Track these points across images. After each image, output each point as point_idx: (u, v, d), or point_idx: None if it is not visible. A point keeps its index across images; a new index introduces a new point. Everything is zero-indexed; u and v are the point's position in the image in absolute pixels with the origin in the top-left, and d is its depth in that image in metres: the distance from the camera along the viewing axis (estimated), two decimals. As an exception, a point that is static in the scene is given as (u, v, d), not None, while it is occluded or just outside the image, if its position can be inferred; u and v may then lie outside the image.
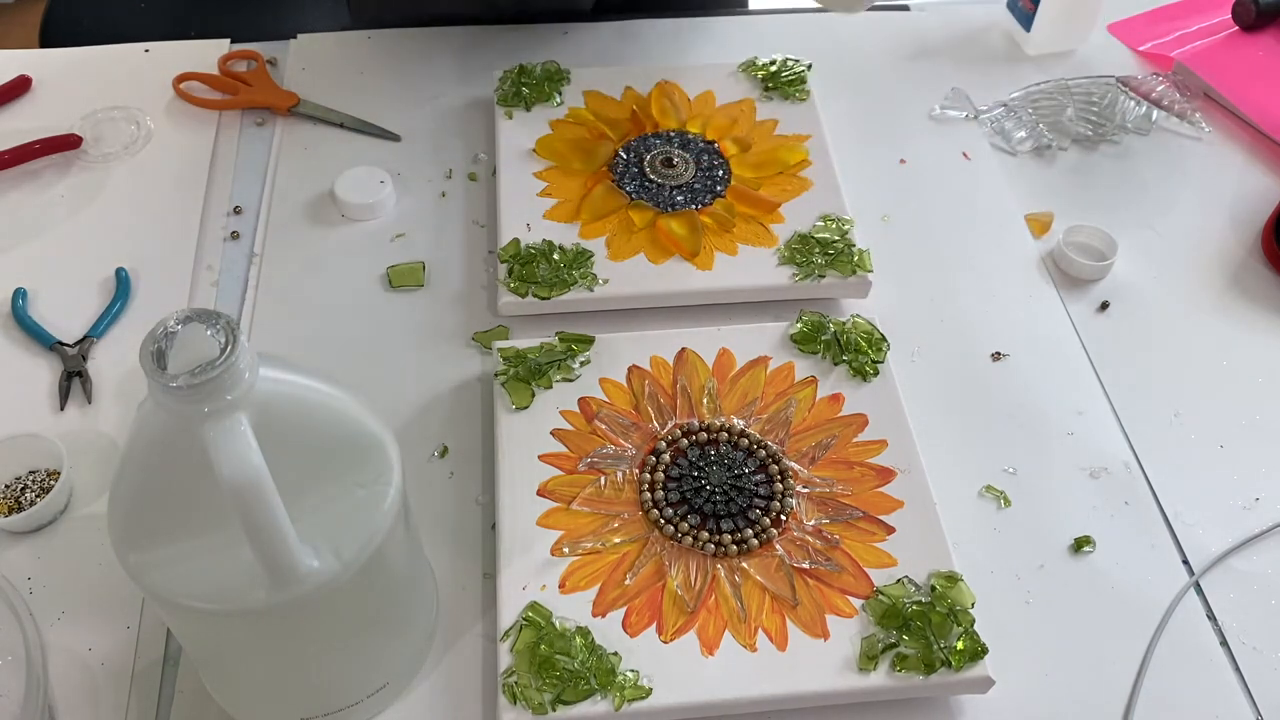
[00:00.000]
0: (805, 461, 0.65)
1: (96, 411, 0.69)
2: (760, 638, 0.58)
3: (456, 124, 0.88)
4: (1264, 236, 0.82)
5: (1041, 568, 0.64)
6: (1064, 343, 0.75)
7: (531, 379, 0.68)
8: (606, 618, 0.58)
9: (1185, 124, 0.90)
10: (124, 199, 0.82)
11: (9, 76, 0.89)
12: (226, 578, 0.46)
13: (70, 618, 0.60)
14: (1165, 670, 0.60)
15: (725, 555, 0.61)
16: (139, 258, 0.77)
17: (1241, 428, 0.71)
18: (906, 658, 0.57)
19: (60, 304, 0.75)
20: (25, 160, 0.83)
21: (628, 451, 0.65)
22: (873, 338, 0.71)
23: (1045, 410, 0.71)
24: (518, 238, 0.76)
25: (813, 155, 0.83)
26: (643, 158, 0.81)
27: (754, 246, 0.76)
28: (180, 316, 0.42)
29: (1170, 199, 0.85)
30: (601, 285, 0.73)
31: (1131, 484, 0.68)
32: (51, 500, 0.63)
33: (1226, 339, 0.76)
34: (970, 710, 0.58)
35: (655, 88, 0.87)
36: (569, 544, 0.61)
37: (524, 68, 0.87)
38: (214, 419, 0.41)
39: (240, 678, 0.54)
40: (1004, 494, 0.67)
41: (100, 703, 0.57)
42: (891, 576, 0.60)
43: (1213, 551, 0.65)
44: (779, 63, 0.89)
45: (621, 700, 0.55)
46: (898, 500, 0.63)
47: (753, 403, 0.68)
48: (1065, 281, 0.79)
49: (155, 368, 0.41)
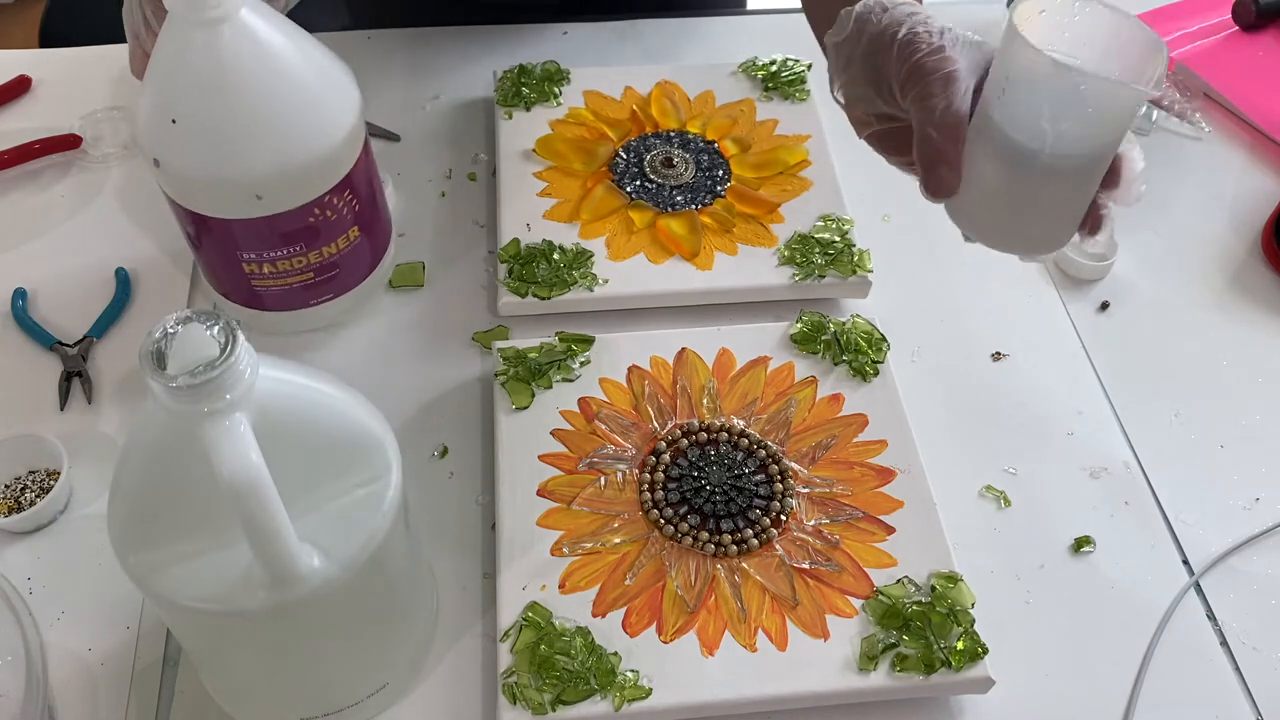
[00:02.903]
0: (805, 462, 0.65)
1: (96, 411, 0.69)
2: (760, 638, 0.58)
3: (456, 124, 0.88)
4: (1264, 236, 0.82)
5: (1041, 568, 0.64)
6: (1064, 343, 0.75)
7: (531, 379, 0.68)
8: (606, 618, 0.58)
9: (1185, 124, 0.90)
10: (124, 199, 0.82)
11: (9, 76, 0.89)
12: (226, 578, 0.46)
13: (70, 618, 0.60)
14: (1165, 670, 0.60)
15: (725, 555, 0.61)
16: (139, 258, 0.77)
17: (1241, 428, 0.71)
18: (906, 658, 0.57)
19: (60, 304, 0.75)
20: (25, 160, 0.83)
21: (628, 452, 0.65)
22: (873, 338, 0.71)
23: (1045, 410, 0.71)
24: (518, 238, 0.76)
25: (813, 155, 0.83)
26: (643, 158, 0.81)
27: (754, 246, 0.76)
28: (180, 316, 0.42)
29: (1170, 199, 0.85)
30: (601, 285, 0.73)
31: (1131, 484, 0.68)
32: (51, 500, 0.63)
33: (1226, 339, 0.76)
34: (970, 710, 0.58)
35: (655, 88, 0.87)
36: (569, 544, 0.61)
37: (524, 68, 0.87)
38: (214, 419, 0.41)
39: (240, 678, 0.55)
40: (1004, 494, 0.67)
41: (100, 703, 0.57)
42: (891, 577, 0.60)
43: (1213, 551, 0.65)
44: (779, 63, 0.89)
45: (621, 700, 0.55)
46: (898, 500, 0.63)
47: (753, 403, 0.68)
48: (1065, 281, 0.79)
49: (155, 368, 0.41)
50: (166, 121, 0.60)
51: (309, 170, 0.63)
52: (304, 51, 0.62)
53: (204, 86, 0.59)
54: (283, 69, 0.60)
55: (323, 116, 0.63)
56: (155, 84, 0.61)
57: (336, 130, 0.64)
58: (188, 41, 0.58)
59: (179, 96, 0.60)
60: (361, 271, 0.72)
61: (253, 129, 0.60)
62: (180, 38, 0.58)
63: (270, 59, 0.60)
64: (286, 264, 0.67)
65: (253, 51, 0.59)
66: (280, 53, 0.60)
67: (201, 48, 0.58)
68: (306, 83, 0.62)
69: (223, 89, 0.59)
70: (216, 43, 0.58)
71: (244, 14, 0.58)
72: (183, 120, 0.60)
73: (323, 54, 0.64)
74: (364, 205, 0.68)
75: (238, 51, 0.58)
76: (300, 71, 0.61)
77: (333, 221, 0.66)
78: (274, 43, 0.60)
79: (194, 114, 0.60)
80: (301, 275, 0.68)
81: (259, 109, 0.60)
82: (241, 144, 0.60)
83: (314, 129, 0.63)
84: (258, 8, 0.59)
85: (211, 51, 0.58)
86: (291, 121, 0.61)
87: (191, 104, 0.60)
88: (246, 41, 0.58)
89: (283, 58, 0.60)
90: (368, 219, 0.70)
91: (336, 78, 0.64)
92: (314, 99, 0.62)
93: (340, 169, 0.65)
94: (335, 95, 0.64)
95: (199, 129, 0.60)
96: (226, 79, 0.59)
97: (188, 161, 0.61)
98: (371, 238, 0.71)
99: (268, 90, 0.60)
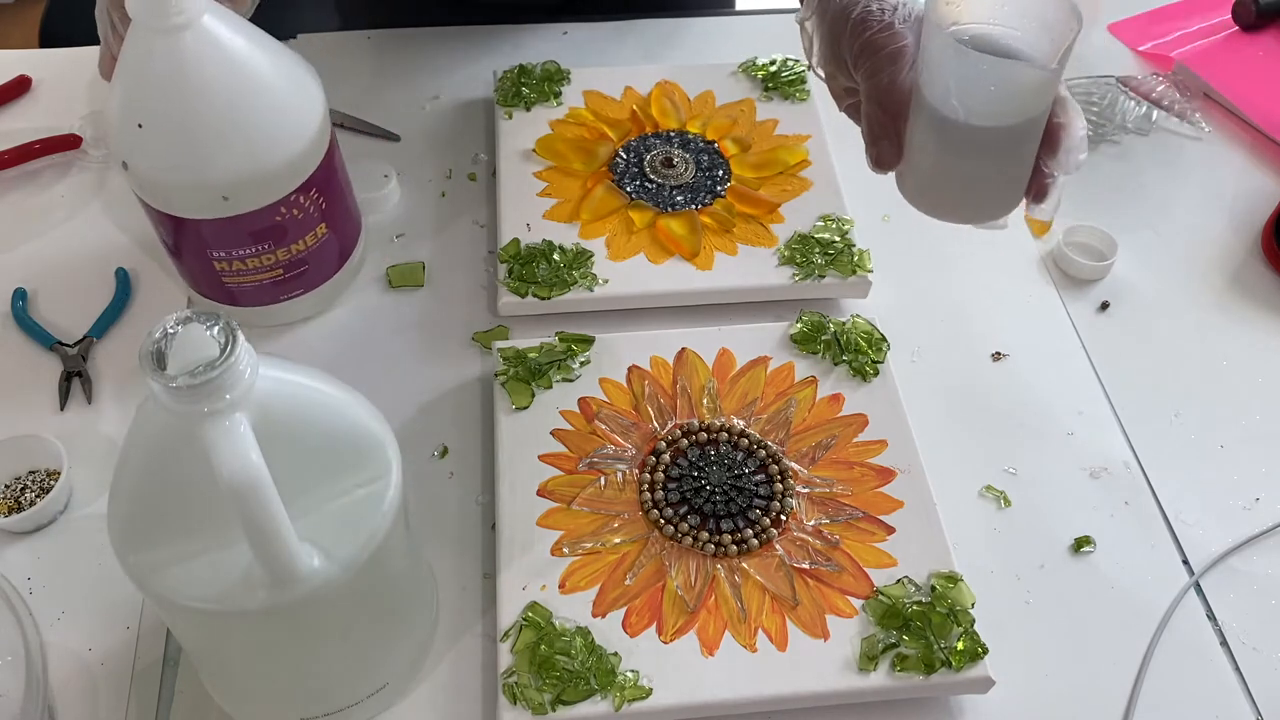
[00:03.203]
0: (805, 462, 0.65)
1: (96, 411, 0.69)
2: (760, 638, 0.58)
3: (456, 124, 0.88)
4: (1264, 236, 0.82)
5: (1041, 568, 0.64)
6: (1064, 343, 0.75)
7: (531, 379, 0.68)
8: (606, 618, 0.58)
9: (1185, 124, 0.90)
10: (124, 199, 0.82)
11: (9, 76, 0.89)
12: (226, 578, 0.46)
13: (70, 618, 0.60)
14: (1165, 670, 0.60)
15: (725, 555, 0.61)
16: (139, 258, 0.77)
17: (1241, 428, 0.71)
18: (906, 658, 0.57)
19: (60, 304, 0.75)
20: (25, 160, 0.83)
21: (628, 452, 0.65)
22: (873, 338, 0.71)
23: (1045, 410, 0.71)
24: (518, 238, 0.76)
25: (813, 155, 0.83)
26: (643, 158, 0.81)
27: (754, 246, 0.76)
28: (180, 316, 0.42)
29: (1170, 199, 0.85)
30: (601, 285, 0.73)
31: (1131, 484, 0.68)
32: (51, 500, 0.63)
33: (1226, 339, 0.76)
34: (970, 710, 0.58)
35: (655, 88, 0.87)
36: (569, 544, 0.61)
37: (524, 68, 0.87)
38: (213, 419, 0.41)
39: (240, 678, 0.55)
40: (1004, 494, 0.67)
41: (100, 703, 0.57)
42: (891, 577, 0.60)
43: (1213, 551, 0.65)
44: (779, 63, 0.89)
45: (621, 700, 0.55)
46: (898, 500, 0.63)
47: (753, 403, 0.68)
48: (1065, 281, 0.79)
49: (155, 368, 0.41)
50: (133, 125, 0.61)
51: (275, 171, 0.64)
52: (268, 54, 0.63)
53: (168, 91, 0.60)
54: (246, 72, 0.61)
55: (287, 118, 0.64)
56: (122, 89, 0.62)
57: (302, 131, 0.65)
58: (151, 48, 0.59)
59: (145, 101, 0.61)
60: (330, 267, 0.73)
61: (218, 132, 0.61)
62: (144, 44, 0.59)
63: (233, 63, 0.61)
64: (255, 261, 0.68)
65: (215, 56, 0.60)
66: (243, 57, 0.61)
67: (165, 54, 0.59)
68: (270, 85, 0.63)
69: (186, 93, 0.60)
70: (179, 48, 0.59)
71: (206, 20, 0.59)
72: (149, 124, 0.61)
73: (287, 57, 0.65)
74: (331, 203, 0.70)
75: (200, 57, 0.59)
76: (264, 74, 0.62)
77: (299, 220, 0.67)
78: (237, 47, 0.61)
79: (160, 118, 0.61)
80: (271, 272, 0.69)
81: (224, 112, 0.61)
82: (208, 147, 0.61)
83: (279, 130, 0.64)
84: (219, 13, 0.60)
85: (174, 57, 0.59)
86: (256, 124, 0.62)
87: (157, 108, 0.61)
88: (209, 47, 0.60)
89: (246, 62, 0.61)
90: (335, 216, 0.71)
91: (300, 79, 0.65)
92: (278, 101, 0.63)
93: (306, 168, 0.66)
94: (299, 97, 0.65)
95: (165, 133, 0.61)
96: (190, 83, 0.60)
97: (155, 164, 0.63)
98: (339, 234, 0.72)
99: (232, 94, 0.61)
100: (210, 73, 0.60)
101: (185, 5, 0.58)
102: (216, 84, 0.60)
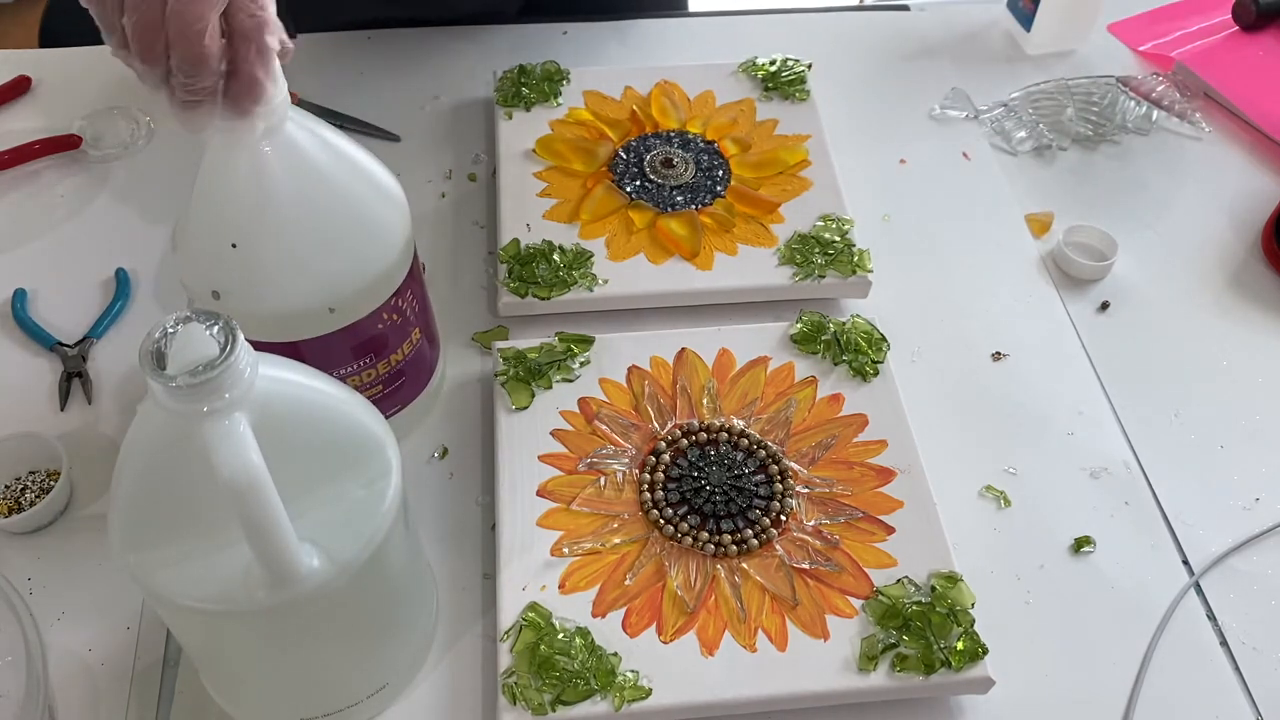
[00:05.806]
0: (805, 462, 0.65)
1: (96, 411, 0.69)
2: (760, 638, 0.58)
3: (456, 124, 0.88)
4: (1264, 236, 0.82)
5: (1041, 568, 0.64)
6: (1064, 343, 0.75)
7: (531, 379, 0.68)
8: (606, 618, 0.58)
9: (1185, 124, 0.90)
10: (124, 199, 0.82)
11: (9, 76, 0.89)
12: (226, 578, 0.46)
13: (70, 618, 0.60)
14: (1165, 670, 0.60)
15: (725, 555, 0.61)
16: (139, 258, 0.77)
17: (1241, 428, 0.71)
18: (906, 658, 0.57)
19: (60, 304, 0.75)
20: (25, 160, 0.83)
21: (628, 452, 0.65)
22: (873, 338, 0.71)
23: (1045, 410, 0.71)
24: (518, 238, 0.76)
25: (813, 155, 0.83)
26: (643, 158, 0.81)
27: (754, 246, 0.76)
28: (180, 316, 0.42)
29: (1170, 199, 0.85)
30: (601, 285, 0.73)
31: (1131, 484, 0.68)
32: (51, 500, 0.63)
33: (1226, 339, 0.76)
34: (970, 710, 0.58)
35: (655, 88, 0.87)
36: (569, 544, 0.61)
37: (524, 68, 0.87)
38: (213, 419, 0.41)
39: (240, 678, 0.55)
40: (1004, 494, 0.67)
41: (100, 703, 0.57)
42: (891, 577, 0.60)
43: (1213, 551, 0.65)
44: (779, 63, 0.89)
45: (621, 701, 0.55)
46: (898, 500, 0.63)
47: (753, 403, 0.68)
48: (1065, 281, 0.79)
49: (155, 368, 0.41)
50: (225, 246, 0.54)
51: (383, 272, 0.58)
52: (347, 145, 0.57)
53: (261, 205, 0.53)
54: (335, 169, 0.55)
55: (382, 209, 0.58)
56: (204, 211, 0.54)
57: (397, 220, 0.59)
58: (233, 163, 0.52)
59: (236, 219, 0.54)
60: (423, 379, 0.67)
61: (323, 239, 0.55)
62: (225, 160, 0.53)
63: (318, 164, 0.54)
64: (356, 380, 0.61)
65: (301, 163, 0.53)
66: (329, 154, 0.55)
67: (250, 167, 0.52)
68: (361, 174, 0.57)
69: (280, 205, 0.53)
70: (265, 163, 0.52)
71: (288, 128, 0.52)
72: (244, 244, 0.53)
73: (356, 146, 0.58)
74: (421, 303, 0.64)
75: (289, 164, 0.53)
76: (352, 167, 0.56)
77: (399, 326, 0.61)
78: (319, 146, 0.54)
79: (254, 236, 0.54)
80: (370, 389, 0.63)
81: (325, 218, 0.55)
82: (314, 257, 0.55)
83: (378, 225, 0.58)
84: (296, 116, 0.53)
85: (261, 168, 0.52)
86: (358, 219, 0.56)
87: (249, 227, 0.54)
88: (293, 153, 0.53)
89: (331, 160, 0.55)
90: (425, 317, 0.65)
91: (378, 171, 0.59)
92: (370, 192, 0.57)
93: (405, 263, 0.60)
94: (386, 192, 0.59)
95: (262, 249, 0.54)
96: (282, 195, 0.53)
97: (254, 284, 0.55)
98: (429, 339, 0.67)
99: (327, 196, 0.55)
100: (301, 179, 0.53)
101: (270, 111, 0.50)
102: (309, 190, 0.54)
